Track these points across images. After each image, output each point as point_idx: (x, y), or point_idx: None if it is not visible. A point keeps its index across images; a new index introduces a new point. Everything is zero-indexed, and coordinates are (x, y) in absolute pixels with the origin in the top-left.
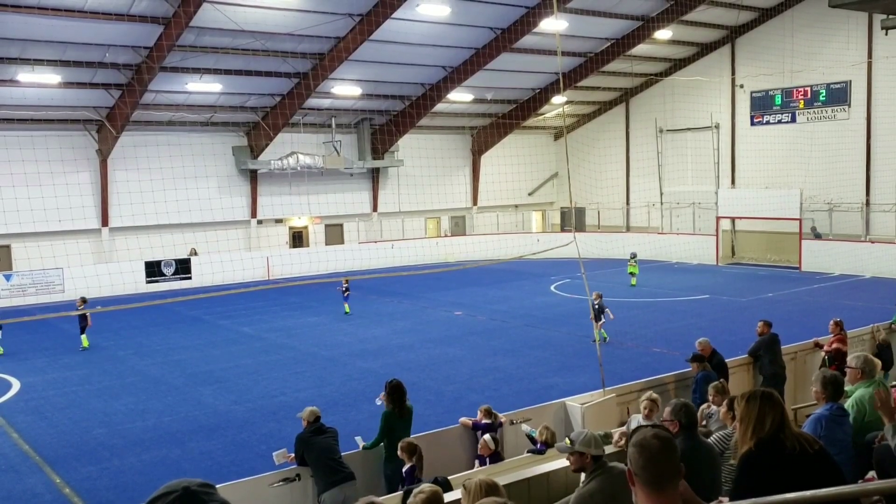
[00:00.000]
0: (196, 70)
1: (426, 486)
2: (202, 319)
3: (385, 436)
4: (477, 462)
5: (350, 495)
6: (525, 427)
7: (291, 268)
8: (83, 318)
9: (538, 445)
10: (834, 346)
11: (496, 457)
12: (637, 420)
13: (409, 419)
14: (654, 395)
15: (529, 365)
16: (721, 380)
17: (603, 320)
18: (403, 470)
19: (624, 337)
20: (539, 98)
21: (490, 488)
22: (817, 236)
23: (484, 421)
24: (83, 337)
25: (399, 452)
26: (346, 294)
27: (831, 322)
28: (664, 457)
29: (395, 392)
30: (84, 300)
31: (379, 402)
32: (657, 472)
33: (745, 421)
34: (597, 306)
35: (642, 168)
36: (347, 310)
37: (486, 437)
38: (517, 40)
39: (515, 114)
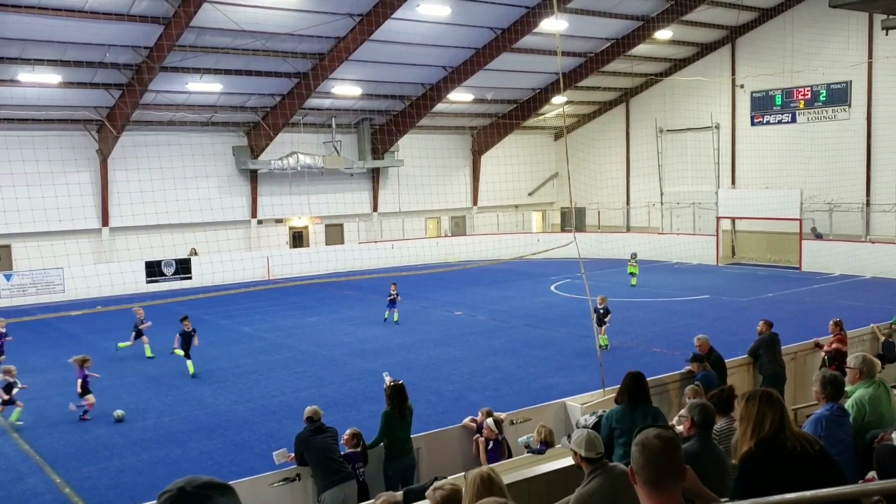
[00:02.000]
0: (196, 70)
1: (446, 483)
2: (202, 319)
3: (384, 436)
4: (479, 456)
5: (350, 494)
6: (521, 439)
7: (291, 268)
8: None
9: (538, 446)
10: (834, 346)
11: (498, 445)
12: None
13: (409, 419)
14: None
15: (529, 365)
16: (697, 383)
17: (607, 324)
18: (346, 453)
19: (624, 337)
20: (539, 98)
21: (485, 480)
22: (818, 237)
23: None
24: (146, 347)
25: (346, 435)
26: (395, 300)
27: (831, 322)
28: (664, 456)
29: (396, 395)
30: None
31: (387, 380)
32: (656, 472)
33: (745, 421)
34: (601, 310)
35: (642, 168)
36: (394, 317)
37: (489, 420)
38: (517, 40)
39: (515, 114)
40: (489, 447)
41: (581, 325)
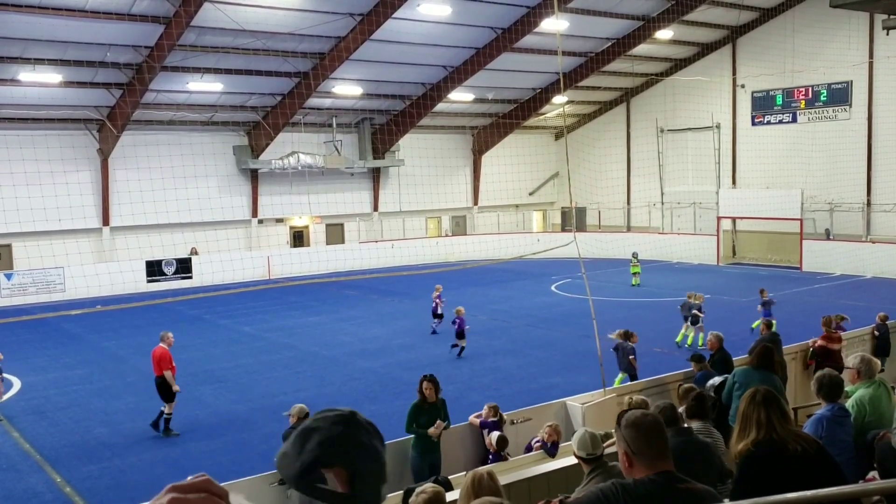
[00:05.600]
0: (197, 69)
1: (428, 486)
2: (203, 319)
3: (409, 426)
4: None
5: None
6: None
7: (292, 267)
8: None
9: (548, 446)
10: (818, 344)
11: (497, 459)
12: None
13: (434, 410)
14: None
15: (530, 364)
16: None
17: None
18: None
19: None
20: (540, 98)
21: (479, 480)
22: (829, 238)
23: (491, 419)
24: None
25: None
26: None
27: (822, 319)
28: (658, 432)
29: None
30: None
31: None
32: (655, 446)
33: (744, 420)
34: (694, 310)
35: (643, 168)
36: (699, 341)
37: (494, 434)
38: (518, 40)
39: (516, 113)
40: (489, 458)
41: (582, 325)
